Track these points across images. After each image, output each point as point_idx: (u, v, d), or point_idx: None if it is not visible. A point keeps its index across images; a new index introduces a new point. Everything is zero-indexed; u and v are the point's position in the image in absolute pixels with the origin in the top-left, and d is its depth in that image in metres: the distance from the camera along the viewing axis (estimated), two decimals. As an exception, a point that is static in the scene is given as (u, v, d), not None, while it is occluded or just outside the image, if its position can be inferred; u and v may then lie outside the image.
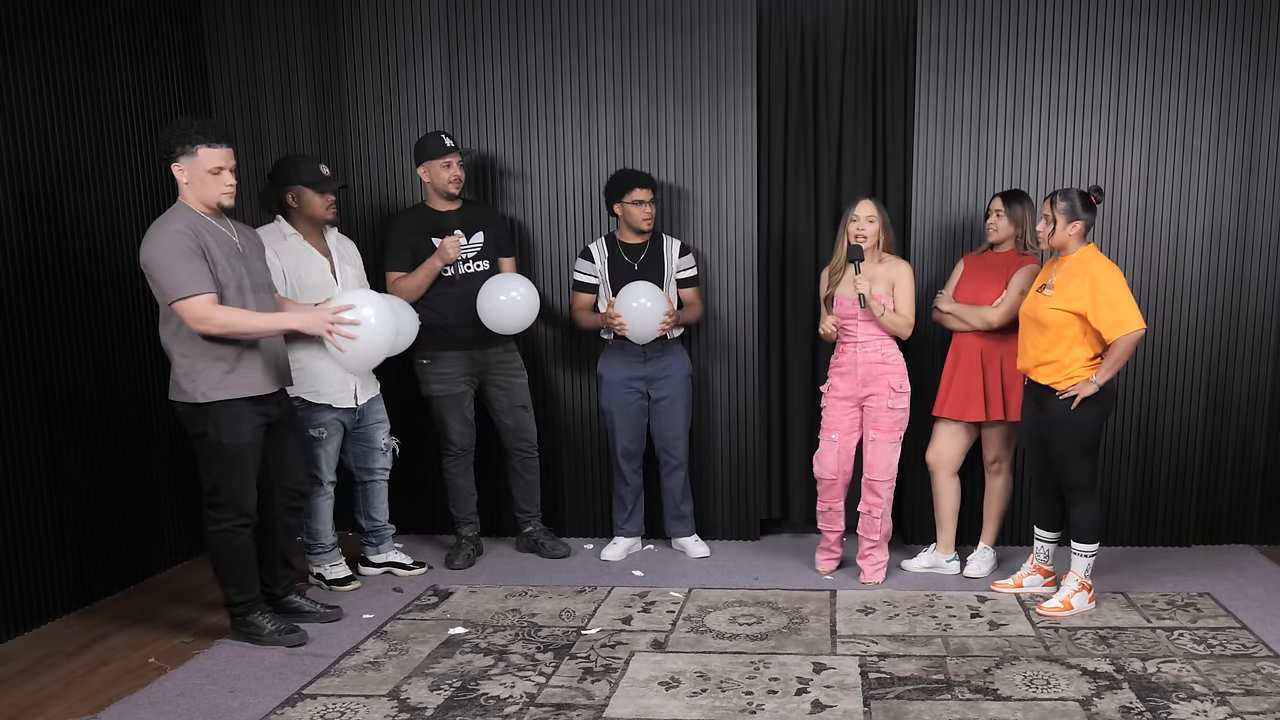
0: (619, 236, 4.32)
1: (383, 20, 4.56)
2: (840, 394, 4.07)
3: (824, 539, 4.28)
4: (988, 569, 4.19)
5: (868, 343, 3.99)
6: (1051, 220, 3.63)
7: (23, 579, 3.63)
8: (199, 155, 3.26)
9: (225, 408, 3.30)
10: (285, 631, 3.52)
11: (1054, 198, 3.64)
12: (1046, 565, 3.98)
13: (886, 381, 3.99)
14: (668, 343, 4.32)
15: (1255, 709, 2.98)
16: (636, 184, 4.19)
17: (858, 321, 3.99)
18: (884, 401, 3.99)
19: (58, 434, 3.79)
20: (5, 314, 3.58)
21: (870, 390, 4.00)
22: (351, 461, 4.19)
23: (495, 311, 4.11)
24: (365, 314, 3.39)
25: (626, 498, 4.47)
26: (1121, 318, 3.54)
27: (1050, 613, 3.72)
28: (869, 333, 3.99)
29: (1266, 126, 4.32)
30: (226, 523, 3.40)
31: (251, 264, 3.41)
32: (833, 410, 4.10)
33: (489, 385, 4.38)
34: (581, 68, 4.51)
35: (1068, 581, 3.78)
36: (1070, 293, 3.57)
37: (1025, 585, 3.97)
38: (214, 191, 3.30)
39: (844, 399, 4.06)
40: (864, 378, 4.00)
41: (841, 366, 4.07)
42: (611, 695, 3.12)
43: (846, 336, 4.04)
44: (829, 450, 4.11)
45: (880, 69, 4.53)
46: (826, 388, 4.13)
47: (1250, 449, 4.53)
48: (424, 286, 4.18)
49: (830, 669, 3.29)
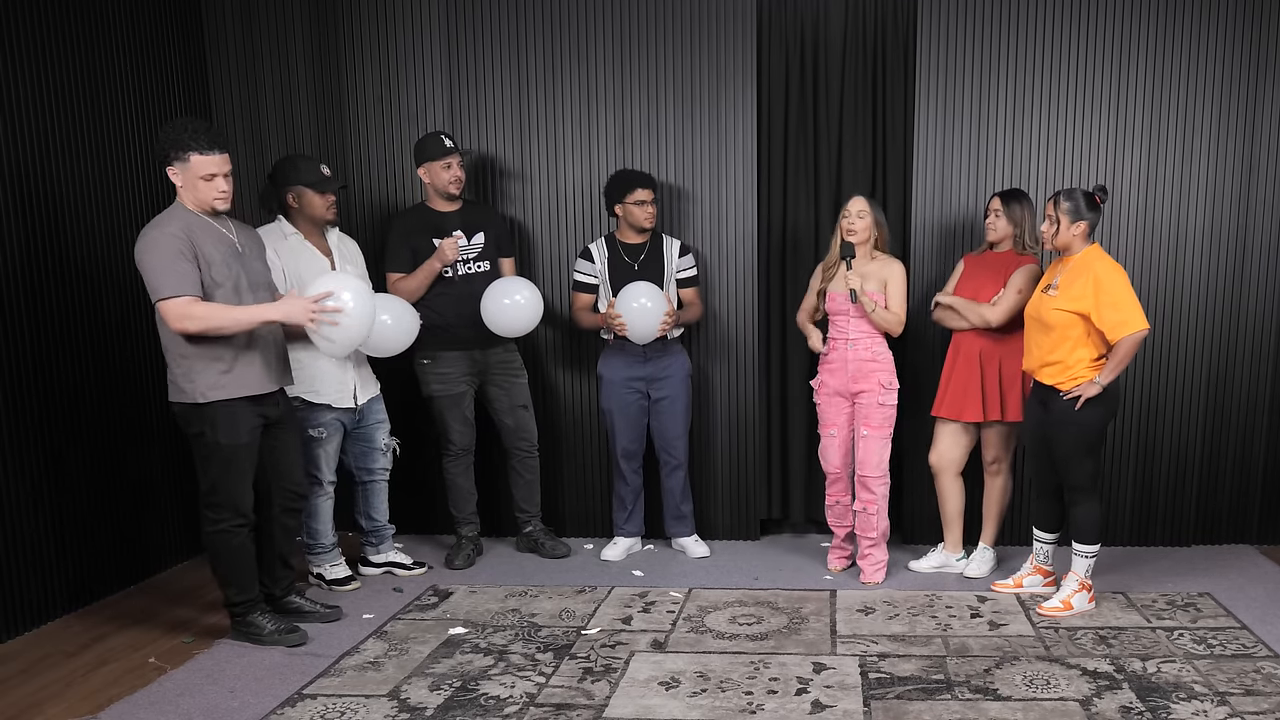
0: (619, 237, 4.32)
1: (383, 20, 4.56)
2: (830, 390, 4.09)
3: (835, 537, 4.30)
4: (987, 569, 4.19)
5: (858, 340, 4.00)
6: (1055, 220, 3.62)
7: (23, 579, 3.63)
8: (191, 162, 3.25)
9: (222, 408, 3.30)
10: (285, 631, 3.52)
11: (1057, 198, 3.62)
12: (1046, 565, 3.98)
13: (876, 379, 3.99)
14: (668, 343, 4.32)
15: (1255, 709, 2.98)
16: (638, 184, 4.20)
17: (849, 318, 4.00)
18: (874, 398, 3.99)
19: (58, 434, 3.79)
20: (5, 314, 3.58)
21: (860, 387, 4.01)
22: (351, 461, 4.19)
23: (499, 315, 4.12)
24: (344, 298, 3.39)
25: (626, 498, 4.47)
26: (1125, 318, 3.53)
27: (1050, 613, 3.72)
28: (860, 330, 4.00)
29: (1266, 126, 4.32)
30: (224, 523, 3.40)
31: (250, 263, 3.41)
32: (827, 406, 4.12)
33: (489, 385, 4.38)
34: (581, 68, 4.51)
35: (1068, 581, 3.78)
36: (1074, 293, 3.56)
37: (1025, 585, 3.97)
38: (207, 197, 3.30)
39: (835, 395, 4.09)
40: (854, 374, 4.01)
41: (831, 363, 4.08)
42: (611, 695, 3.12)
43: (837, 333, 4.05)
44: (831, 445, 4.14)
45: (880, 69, 4.53)
46: (817, 384, 4.16)
47: (1250, 449, 4.53)
48: (423, 287, 4.18)
49: (830, 669, 3.29)
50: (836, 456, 4.14)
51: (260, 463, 3.46)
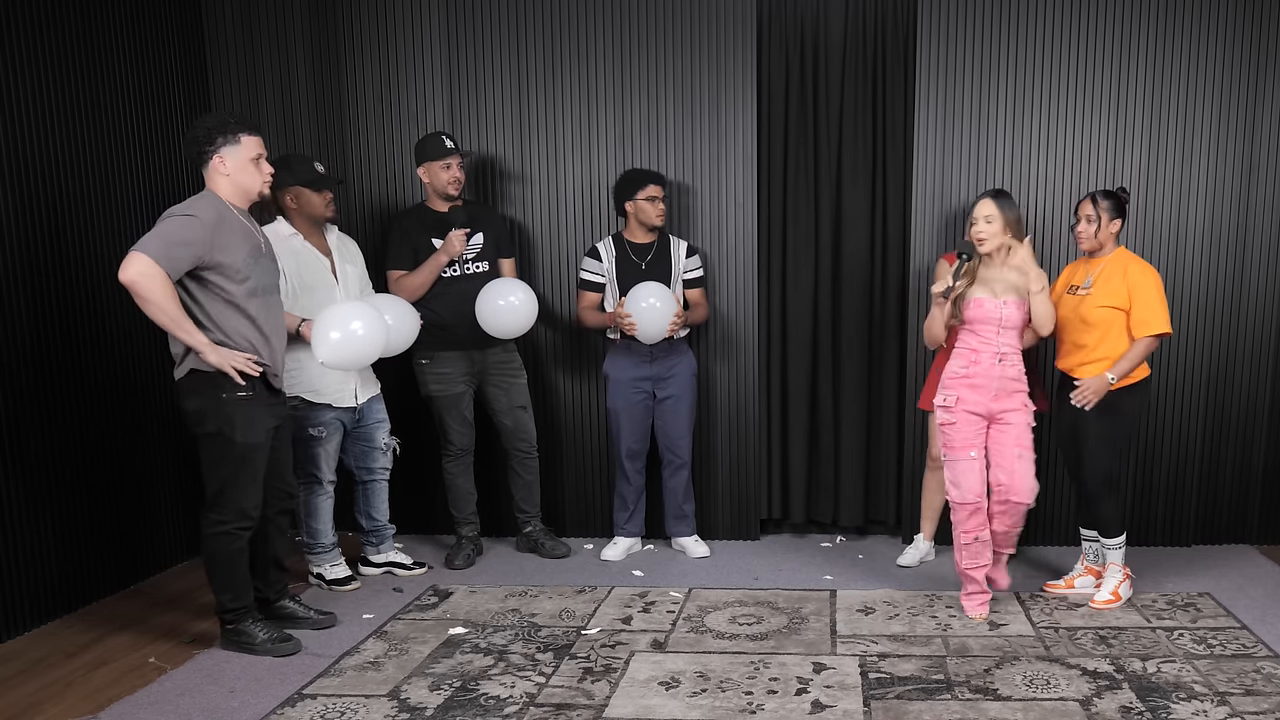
0: (627, 236, 4.33)
1: (383, 20, 4.56)
2: (969, 408, 3.61)
3: (968, 581, 3.75)
4: (918, 559, 4.34)
5: (1008, 355, 3.58)
6: (1096, 218, 3.69)
7: (23, 579, 3.63)
8: (243, 143, 3.26)
9: (242, 406, 3.29)
10: (278, 640, 3.44)
11: (1095, 196, 3.71)
12: (1097, 566, 3.98)
13: (1021, 399, 3.62)
14: (674, 343, 4.32)
15: (1255, 709, 2.98)
16: (649, 180, 4.23)
17: (1000, 328, 3.57)
18: (1024, 418, 3.62)
19: (58, 434, 3.79)
20: (5, 314, 3.58)
21: (1005, 406, 3.59)
22: (351, 461, 4.19)
23: (493, 315, 4.12)
24: (354, 327, 3.61)
25: (629, 497, 4.47)
26: (1149, 318, 3.61)
27: (1103, 605, 3.79)
28: (1010, 344, 3.59)
29: (1266, 126, 4.32)
30: (228, 524, 3.35)
31: (267, 264, 3.41)
32: (965, 426, 3.61)
33: (488, 385, 4.38)
34: (581, 68, 4.51)
35: (1110, 574, 3.85)
36: (1112, 288, 3.65)
37: (1076, 586, 3.99)
38: (256, 180, 3.31)
39: (972, 413, 3.61)
40: (998, 392, 3.59)
41: (974, 378, 3.60)
42: (611, 695, 3.12)
43: (983, 345, 3.60)
44: (970, 471, 3.61)
45: (880, 69, 4.53)
46: (950, 401, 3.63)
47: (1250, 449, 4.53)
48: (427, 284, 4.18)
49: (830, 669, 3.29)
50: (979, 482, 3.62)
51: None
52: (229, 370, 3.21)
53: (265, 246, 3.41)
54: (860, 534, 4.85)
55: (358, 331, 3.62)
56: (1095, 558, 3.98)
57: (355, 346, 3.64)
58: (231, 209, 3.29)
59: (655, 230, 4.29)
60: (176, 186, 4.38)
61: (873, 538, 4.81)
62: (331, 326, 3.61)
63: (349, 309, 3.69)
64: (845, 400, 4.72)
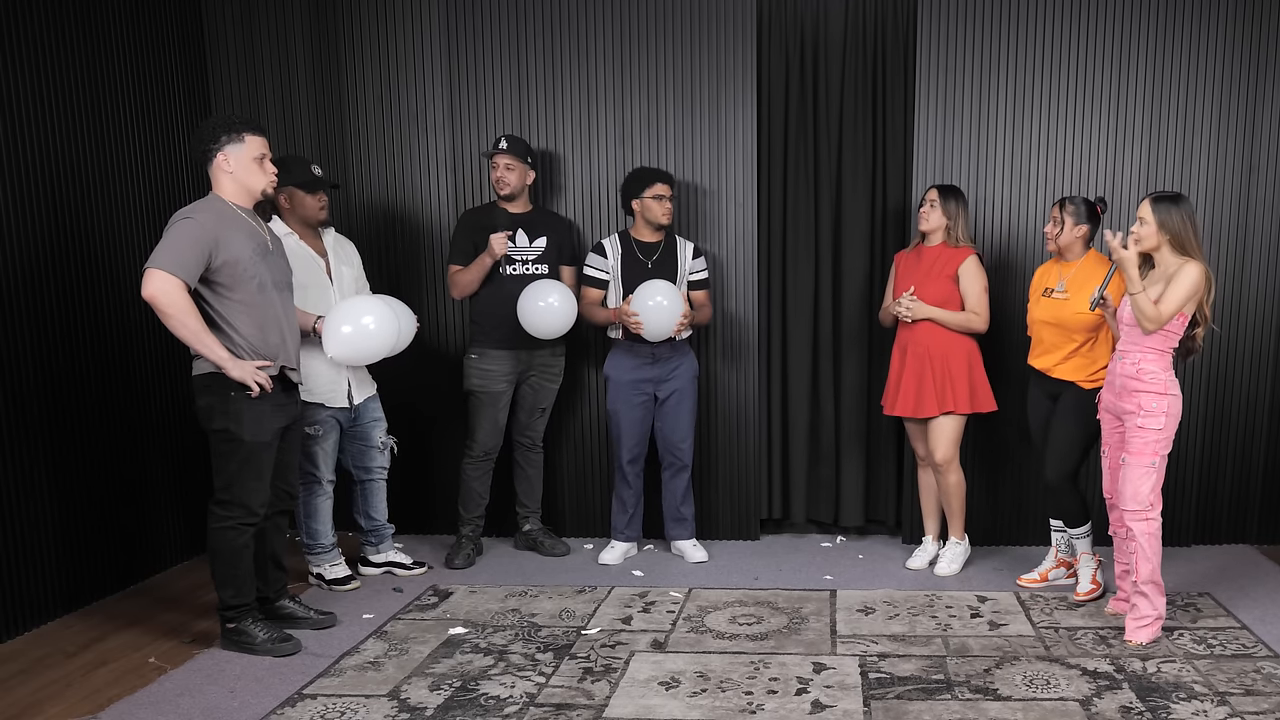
0: (633, 234, 4.32)
1: (383, 20, 4.56)
2: (1105, 406, 3.65)
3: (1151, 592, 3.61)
4: (926, 561, 4.33)
5: (1127, 352, 3.54)
6: (1060, 221, 3.82)
7: (23, 579, 3.63)
8: (247, 141, 3.28)
9: (249, 404, 3.29)
10: (278, 640, 3.45)
11: (1064, 202, 3.84)
12: (1068, 557, 4.05)
13: (1138, 400, 3.48)
14: (677, 343, 4.32)
15: (1255, 709, 2.98)
16: (657, 179, 4.23)
17: (1122, 325, 3.57)
18: (1134, 420, 3.49)
19: (58, 434, 3.78)
20: (5, 314, 3.57)
21: (1125, 406, 3.53)
22: (349, 461, 4.19)
23: (532, 315, 4.14)
24: (365, 321, 3.66)
25: (628, 501, 4.46)
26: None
27: (1086, 596, 3.86)
28: (1130, 341, 3.53)
29: (1266, 126, 4.32)
30: (233, 519, 3.36)
31: (277, 261, 3.42)
32: (1106, 424, 3.68)
33: (524, 384, 4.40)
34: (581, 68, 4.51)
35: (1083, 564, 3.92)
36: (1087, 294, 3.69)
37: (1050, 579, 4.06)
38: (261, 180, 3.33)
39: (1107, 411, 3.65)
40: (1119, 390, 3.55)
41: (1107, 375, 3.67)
42: (611, 695, 3.12)
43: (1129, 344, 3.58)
44: (1106, 468, 3.72)
45: (880, 69, 4.53)
46: (1099, 399, 3.71)
47: (1250, 449, 4.53)
48: (476, 282, 4.23)
49: (830, 669, 3.29)
50: (1108, 479, 3.69)
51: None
52: (249, 383, 3.24)
53: (274, 244, 3.42)
54: (860, 534, 4.85)
55: (369, 326, 3.67)
56: (1066, 549, 4.04)
57: (365, 341, 3.68)
58: (234, 208, 3.31)
59: (662, 229, 4.29)
60: (177, 186, 4.38)
61: (873, 538, 4.81)
62: (344, 320, 3.66)
63: (362, 303, 3.75)
64: (845, 400, 4.72)
